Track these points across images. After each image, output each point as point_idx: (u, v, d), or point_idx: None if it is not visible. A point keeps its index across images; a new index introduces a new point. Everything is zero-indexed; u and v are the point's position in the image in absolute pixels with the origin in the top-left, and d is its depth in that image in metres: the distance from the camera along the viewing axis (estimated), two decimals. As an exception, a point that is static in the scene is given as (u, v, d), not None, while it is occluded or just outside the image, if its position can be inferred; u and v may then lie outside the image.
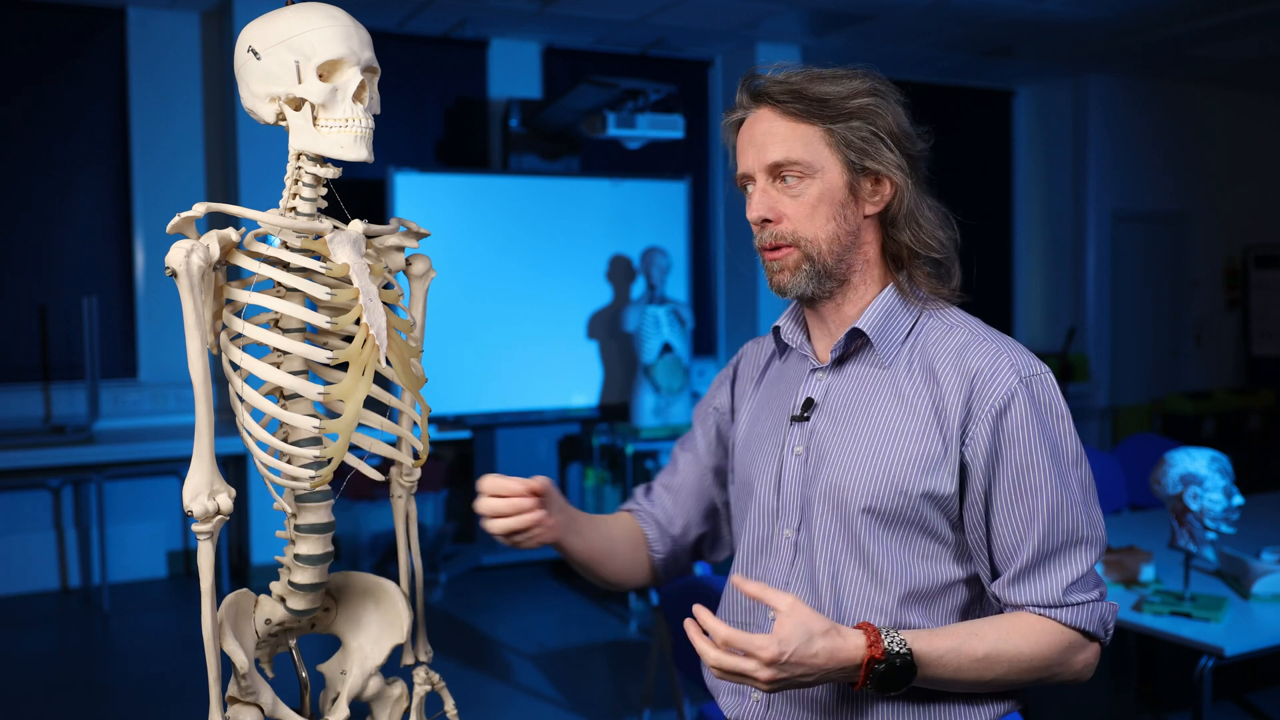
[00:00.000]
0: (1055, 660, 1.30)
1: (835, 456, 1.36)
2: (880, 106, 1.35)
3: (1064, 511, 1.30)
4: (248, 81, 1.30)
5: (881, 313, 1.38)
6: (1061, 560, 1.30)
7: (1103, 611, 1.32)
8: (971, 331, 1.37)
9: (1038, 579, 1.31)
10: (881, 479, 1.32)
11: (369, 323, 1.29)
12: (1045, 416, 1.30)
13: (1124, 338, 8.11)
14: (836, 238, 1.36)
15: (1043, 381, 1.32)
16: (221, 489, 1.25)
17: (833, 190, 1.35)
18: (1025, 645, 1.29)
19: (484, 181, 5.85)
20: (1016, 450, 1.29)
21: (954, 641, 1.28)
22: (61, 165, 5.61)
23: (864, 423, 1.36)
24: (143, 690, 4.25)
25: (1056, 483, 1.29)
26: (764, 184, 1.38)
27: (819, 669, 1.22)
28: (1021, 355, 1.34)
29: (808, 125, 1.35)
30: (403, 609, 1.46)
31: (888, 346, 1.37)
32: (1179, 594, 2.74)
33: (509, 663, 4.47)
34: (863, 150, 1.34)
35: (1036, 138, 8.23)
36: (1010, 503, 1.30)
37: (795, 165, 1.35)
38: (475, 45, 6.37)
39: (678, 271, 6.11)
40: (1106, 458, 4.29)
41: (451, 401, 5.61)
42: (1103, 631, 1.32)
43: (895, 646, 1.24)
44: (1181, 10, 6.05)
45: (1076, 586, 1.30)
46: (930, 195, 1.40)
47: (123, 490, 5.64)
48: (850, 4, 5.81)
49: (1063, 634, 1.30)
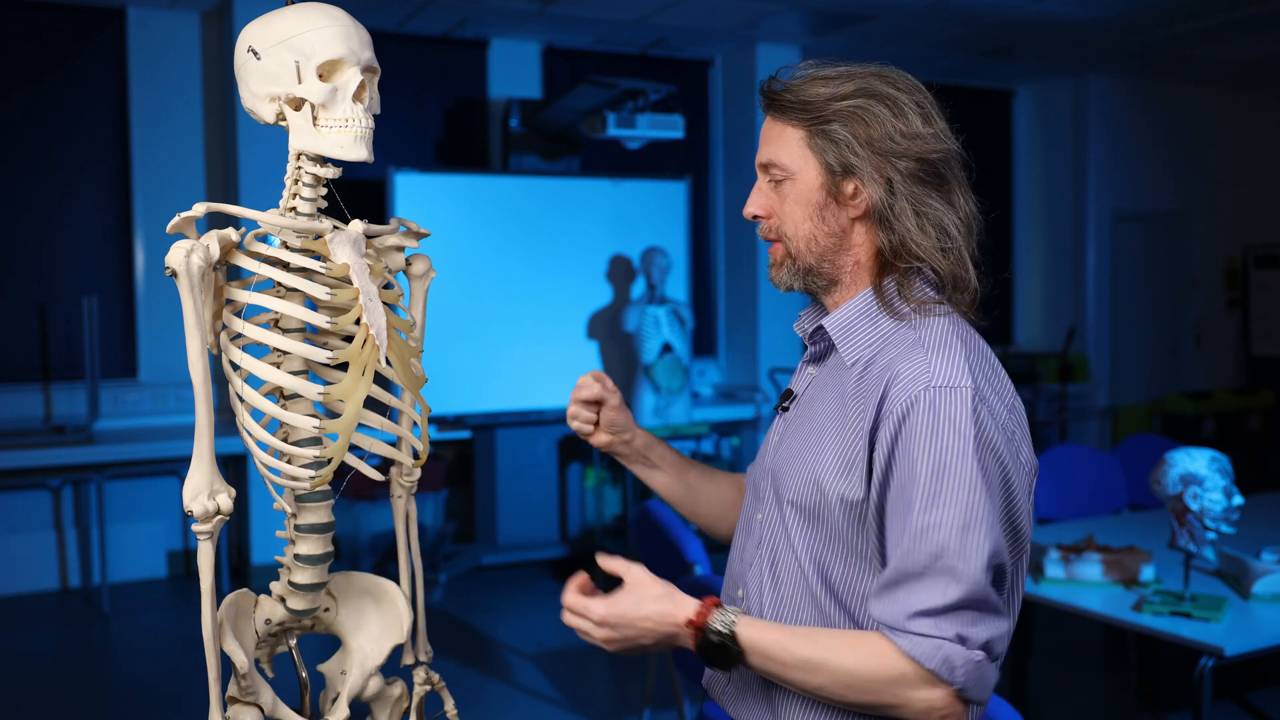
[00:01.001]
0: (882, 688, 1.21)
1: (785, 448, 1.40)
2: (867, 109, 1.33)
3: (929, 533, 1.20)
4: (248, 81, 1.30)
5: (851, 315, 1.38)
6: (916, 585, 1.21)
7: (952, 654, 1.18)
8: (921, 339, 1.31)
9: (890, 597, 1.23)
10: (806, 475, 1.34)
11: (369, 323, 1.29)
12: (943, 431, 1.22)
13: (1124, 338, 8.11)
14: (814, 238, 1.37)
15: (955, 395, 1.24)
16: (221, 489, 1.25)
17: (808, 192, 1.36)
18: (851, 661, 1.22)
19: (484, 181, 5.85)
20: (905, 460, 1.24)
21: (783, 636, 1.26)
22: (61, 165, 5.61)
23: (814, 419, 1.38)
24: (143, 690, 4.25)
25: (928, 501, 1.21)
26: (761, 180, 1.42)
27: (651, 631, 1.30)
28: (948, 367, 1.26)
29: (792, 127, 1.37)
30: (403, 609, 1.46)
31: (852, 348, 1.37)
32: (1179, 594, 2.74)
33: (509, 663, 4.47)
34: (841, 154, 1.34)
35: (1036, 138, 8.23)
36: (892, 513, 1.25)
37: (776, 167, 1.38)
38: (475, 45, 6.37)
39: (678, 271, 6.11)
40: (1106, 458, 4.29)
41: (451, 401, 5.61)
42: (949, 674, 1.19)
43: (718, 624, 1.26)
44: (1181, 10, 6.05)
45: (926, 617, 1.20)
46: (939, 199, 1.35)
47: (123, 490, 5.64)
48: (850, 4, 5.81)
49: (896, 661, 1.20)
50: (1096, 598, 2.85)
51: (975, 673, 1.20)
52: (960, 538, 1.20)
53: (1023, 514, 1.31)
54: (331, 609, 1.46)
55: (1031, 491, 1.33)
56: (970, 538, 1.20)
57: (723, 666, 1.27)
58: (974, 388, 1.25)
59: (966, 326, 1.36)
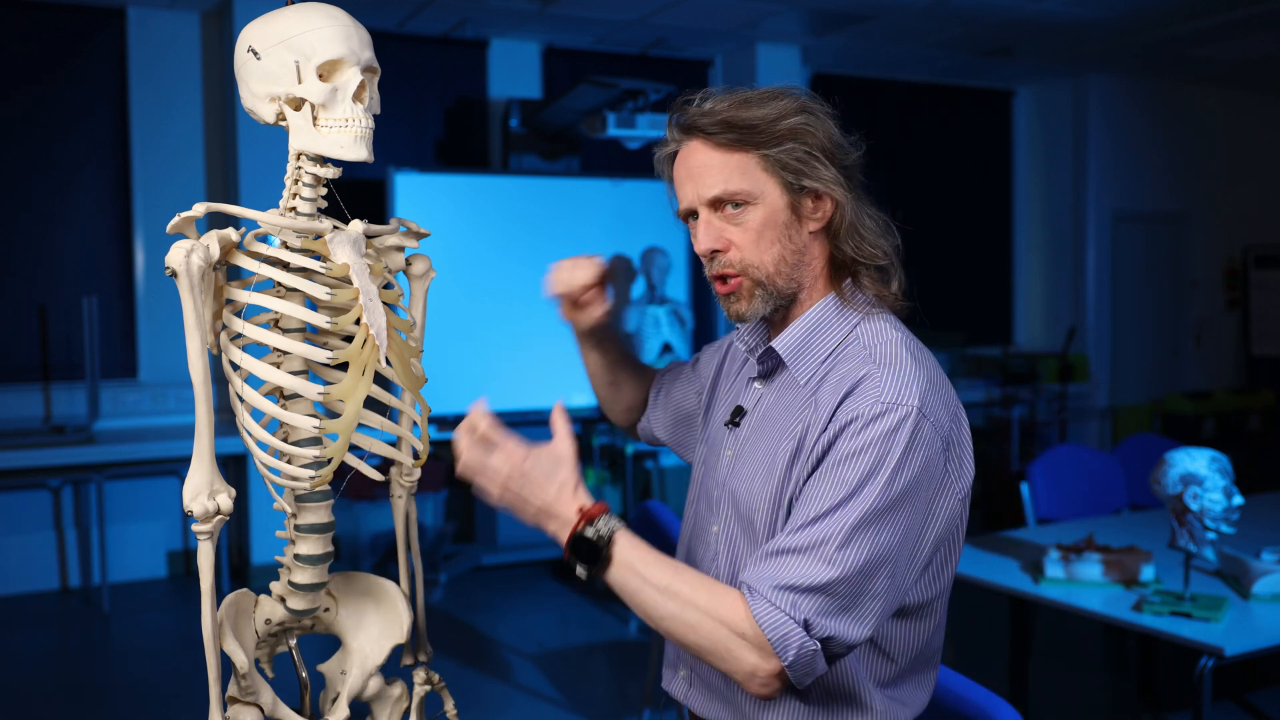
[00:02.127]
0: (721, 637, 1.24)
1: (744, 468, 1.40)
2: (811, 124, 1.35)
3: (825, 522, 1.24)
4: (248, 81, 1.30)
5: (804, 331, 1.40)
6: (792, 560, 1.24)
7: (790, 634, 1.22)
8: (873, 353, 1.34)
9: (765, 564, 1.26)
10: (766, 493, 1.35)
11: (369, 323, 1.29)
12: (877, 444, 1.25)
13: (1124, 338, 8.11)
14: (783, 259, 1.37)
15: (898, 413, 1.26)
16: (221, 489, 1.25)
17: (775, 214, 1.36)
18: (705, 600, 1.25)
19: (484, 181, 5.85)
20: (832, 460, 1.27)
21: (653, 558, 1.27)
22: (61, 165, 5.61)
23: (768, 437, 1.39)
24: (143, 690, 4.25)
25: (838, 498, 1.24)
26: (707, 216, 1.38)
27: (542, 505, 1.30)
28: (897, 384, 1.29)
29: (742, 153, 1.35)
30: (403, 609, 1.46)
31: (804, 366, 1.39)
32: (1179, 594, 2.74)
33: (509, 663, 4.47)
34: (799, 171, 1.34)
35: (1036, 138, 8.23)
36: (802, 500, 1.29)
37: (736, 194, 1.35)
38: (475, 45, 6.37)
39: (677, 271, 6.11)
40: (1106, 458, 4.29)
41: (451, 401, 5.58)
42: (782, 650, 1.22)
43: (603, 525, 1.27)
44: (1181, 10, 6.05)
45: (789, 590, 1.23)
46: (869, 203, 1.40)
47: (123, 490, 5.64)
48: (850, 4, 5.81)
49: (742, 619, 1.23)
50: (1096, 598, 2.85)
51: (806, 660, 1.23)
52: (850, 533, 1.23)
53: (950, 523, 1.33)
54: (331, 609, 1.46)
55: (966, 493, 1.35)
56: (861, 537, 1.24)
57: (585, 562, 1.27)
58: (919, 406, 1.28)
59: (911, 335, 1.39)
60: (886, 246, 1.39)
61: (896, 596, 1.29)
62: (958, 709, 1.70)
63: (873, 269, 1.39)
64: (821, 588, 1.23)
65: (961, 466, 1.33)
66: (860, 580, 1.24)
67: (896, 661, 1.39)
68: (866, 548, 1.24)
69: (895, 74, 7.53)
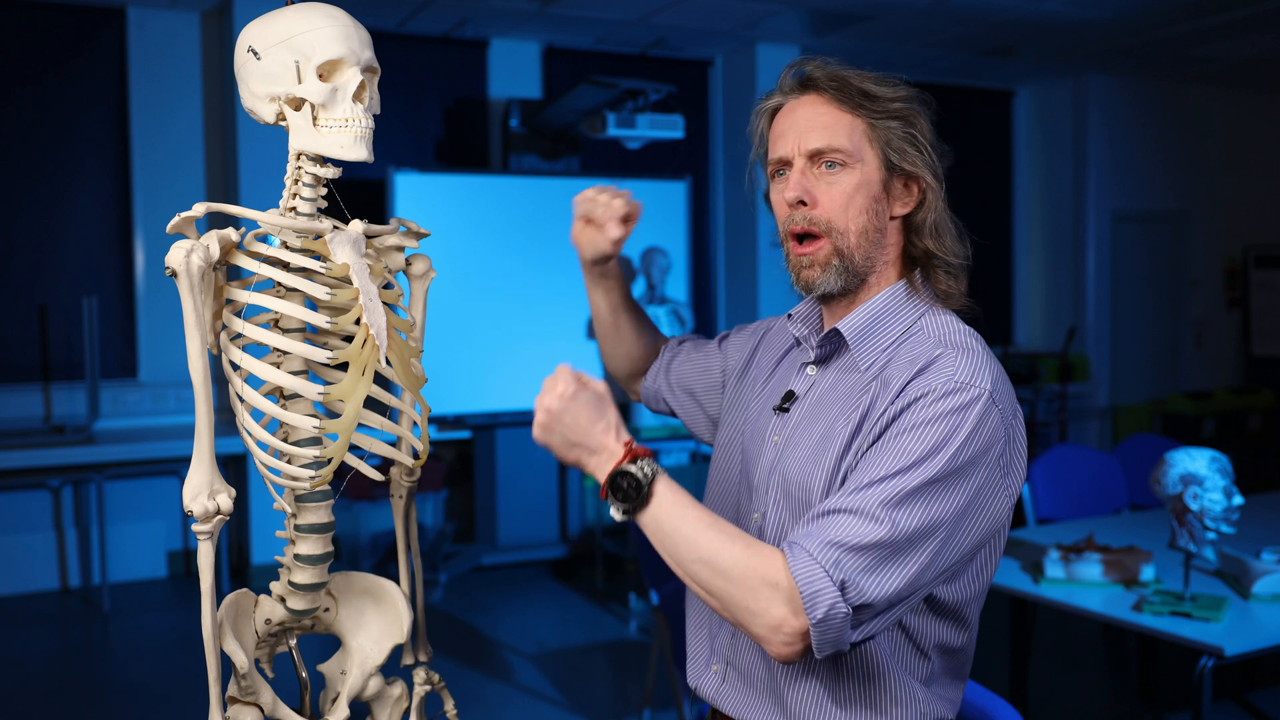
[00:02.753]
0: (754, 585, 1.22)
1: (796, 450, 1.39)
2: (919, 114, 1.38)
3: (882, 487, 1.23)
4: (248, 81, 1.30)
5: (870, 315, 1.40)
6: (841, 519, 1.23)
7: (823, 592, 1.20)
8: (944, 339, 1.35)
9: (816, 523, 1.25)
10: (822, 473, 1.34)
11: (369, 323, 1.29)
12: (946, 419, 1.25)
13: (1124, 338, 8.11)
14: (866, 232, 1.37)
15: (970, 393, 1.27)
16: (221, 489, 1.25)
17: (869, 183, 1.37)
18: (740, 550, 1.23)
19: (484, 181, 5.85)
20: (898, 430, 1.27)
21: (692, 504, 1.27)
22: (61, 165, 5.61)
23: (825, 421, 1.38)
24: (143, 690, 4.25)
25: (902, 467, 1.24)
26: (802, 166, 1.38)
27: (587, 434, 1.27)
28: (971, 366, 1.29)
29: (853, 116, 1.37)
30: (403, 609, 1.46)
31: (867, 351, 1.39)
32: (1179, 594, 2.74)
33: (509, 663, 4.47)
34: (900, 150, 1.36)
35: (1036, 138, 8.23)
36: (862, 465, 1.28)
37: (838, 152, 1.36)
38: (475, 45, 6.37)
39: (678, 271, 6.11)
40: (1106, 458, 4.29)
41: (451, 401, 5.61)
42: (811, 607, 1.19)
43: (646, 464, 1.26)
44: (1181, 10, 6.05)
45: (835, 548, 1.21)
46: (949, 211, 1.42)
47: (123, 490, 5.64)
48: (850, 4, 5.81)
49: (779, 571, 1.21)
50: (1096, 598, 2.85)
51: (836, 622, 1.20)
52: (906, 497, 1.23)
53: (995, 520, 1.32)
54: (331, 609, 1.46)
55: (1014, 499, 1.34)
56: (915, 503, 1.23)
57: (622, 500, 1.25)
58: (990, 390, 1.28)
59: (977, 333, 1.40)
60: (960, 251, 1.41)
61: (934, 577, 1.27)
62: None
63: (945, 266, 1.40)
64: (868, 547, 1.21)
65: (1014, 465, 1.32)
66: (906, 544, 1.22)
67: (931, 659, 1.38)
68: (919, 514, 1.23)
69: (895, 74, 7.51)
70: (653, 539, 1.27)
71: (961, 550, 1.29)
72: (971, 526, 1.28)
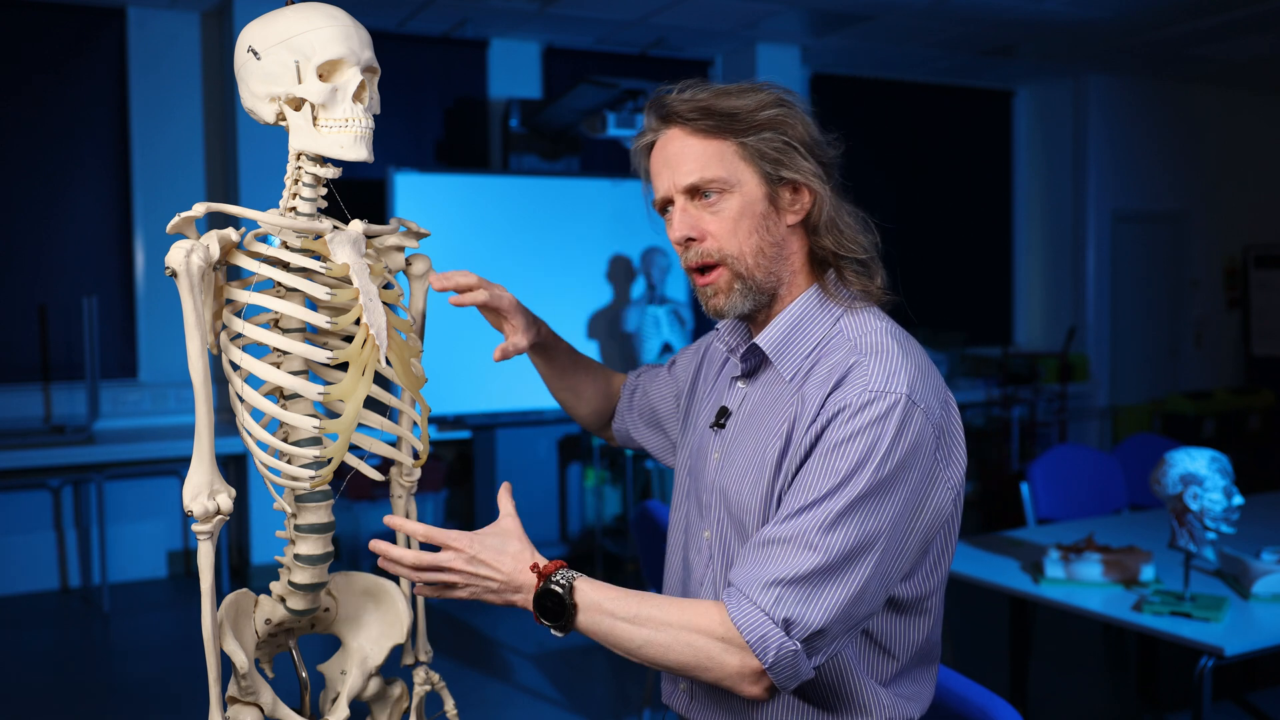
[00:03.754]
0: (704, 644, 1.22)
1: (733, 468, 1.39)
2: (789, 116, 1.35)
3: (813, 511, 1.23)
4: (248, 81, 1.30)
5: (786, 325, 1.39)
6: (779, 551, 1.23)
7: (769, 635, 1.20)
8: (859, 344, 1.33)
9: (752, 559, 1.25)
10: (758, 491, 1.34)
11: (369, 323, 1.29)
12: (866, 432, 1.24)
13: (1124, 338, 8.11)
14: (761, 250, 1.36)
15: (886, 401, 1.25)
16: (221, 489, 1.25)
17: (753, 203, 1.35)
18: (678, 616, 1.24)
19: (484, 181, 5.85)
20: (821, 451, 1.26)
21: (618, 593, 1.26)
22: (61, 165, 5.61)
23: (756, 435, 1.37)
24: (143, 690, 4.25)
25: (831, 488, 1.23)
26: (683, 204, 1.37)
27: (503, 581, 1.27)
28: (884, 373, 1.28)
29: (720, 141, 1.35)
30: (403, 609, 1.46)
31: (788, 361, 1.38)
32: (1179, 594, 2.74)
33: (509, 663, 4.47)
34: (777, 160, 1.34)
35: (1036, 138, 8.23)
36: (791, 491, 1.28)
37: (713, 182, 1.34)
38: (475, 45, 6.37)
39: (678, 271, 6.11)
40: (1106, 458, 4.29)
41: (451, 401, 5.61)
42: (761, 652, 1.21)
43: (561, 577, 1.26)
44: (1181, 10, 6.05)
45: (775, 585, 1.22)
46: (846, 200, 1.40)
47: (123, 490, 5.64)
48: (850, 4, 5.81)
49: (717, 622, 1.23)
50: (1096, 598, 2.85)
51: (787, 661, 1.21)
52: (837, 518, 1.23)
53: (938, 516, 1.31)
54: (331, 609, 1.46)
55: (958, 487, 1.33)
56: (847, 522, 1.23)
57: (553, 618, 1.26)
58: (907, 394, 1.27)
59: (896, 325, 1.39)
60: (866, 242, 1.39)
61: (880, 585, 1.27)
62: (958, 709, 1.70)
63: (855, 264, 1.39)
64: (805, 577, 1.21)
65: (951, 456, 1.31)
66: (843, 563, 1.22)
67: (898, 659, 1.38)
68: (853, 533, 1.23)
69: (895, 74, 7.52)
70: (597, 638, 1.28)
71: (909, 552, 1.29)
72: (913, 528, 1.29)
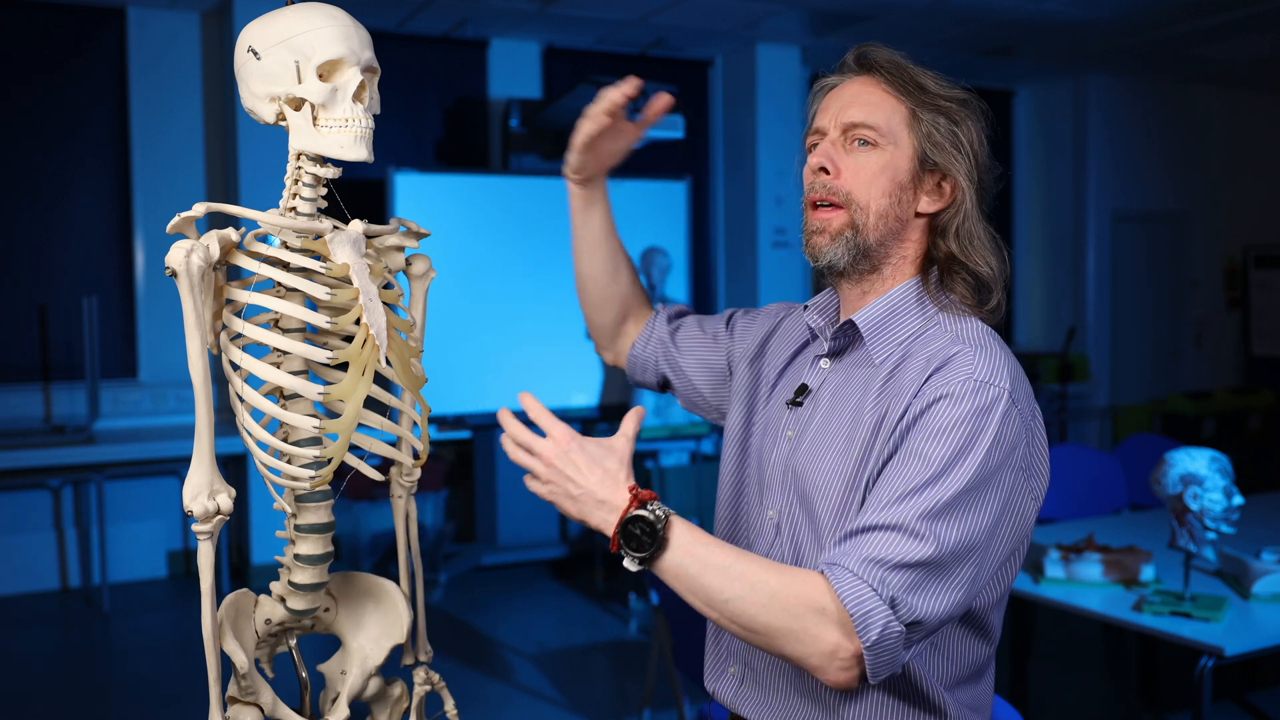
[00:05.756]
0: (800, 612, 1.16)
1: (811, 448, 1.37)
2: (969, 119, 1.36)
3: (920, 499, 1.20)
4: (248, 81, 1.30)
5: (885, 309, 1.37)
6: (885, 536, 1.19)
7: (874, 612, 1.15)
8: (961, 336, 1.32)
9: (853, 541, 1.21)
10: (842, 474, 1.32)
11: (369, 323, 1.29)
12: (971, 420, 1.22)
13: (1124, 338, 8.11)
14: (885, 216, 1.35)
15: (991, 392, 1.24)
16: (221, 489, 1.25)
17: (897, 168, 1.35)
18: (777, 580, 1.18)
19: (484, 181, 5.85)
20: (922, 433, 1.24)
21: (712, 539, 1.22)
22: (61, 165, 5.61)
23: (841, 416, 1.36)
24: (143, 690, 4.25)
25: (933, 475, 1.21)
26: (834, 138, 1.37)
27: (587, 491, 1.23)
28: (989, 365, 1.27)
29: (898, 100, 1.36)
30: (403, 609, 1.46)
31: (882, 345, 1.36)
32: (1179, 594, 2.74)
33: (509, 663, 4.47)
34: (939, 144, 1.34)
35: (1036, 138, 8.23)
36: (889, 474, 1.25)
37: (872, 130, 1.35)
38: (475, 45, 6.37)
39: (678, 271, 6.11)
40: (1106, 458, 4.29)
41: (451, 401, 5.61)
42: (864, 629, 1.15)
43: (657, 509, 1.20)
44: (1181, 10, 6.05)
45: (879, 565, 1.17)
46: (987, 220, 1.39)
47: (123, 490, 5.64)
48: (850, 4, 5.81)
49: (823, 594, 1.17)
50: (1096, 598, 2.85)
51: (890, 642, 1.17)
52: (945, 510, 1.20)
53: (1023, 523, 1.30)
54: (331, 609, 1.46)
55: (1039, 502, 1.31)
56: (952, 515, 1.20)
57: (635, 550, 1.19)
58: (1010, 390, 1.26)
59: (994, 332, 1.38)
60: (993, 262, 1.37)
61: (975, 590, 1.24)
62: (958, 709, 1.69)
63: (969, 277, 1.37)
64: (913, 564, 1.18)
65: (1035, 468, 1.30)
66: (951, 561, 1.19)
67: (961, 669, 1.36)
68: (957, 527, 1.20)
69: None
70: (675, 584, 1.22)
71: (998, 560, 1.27)
72: (1004, 534, 1.27)
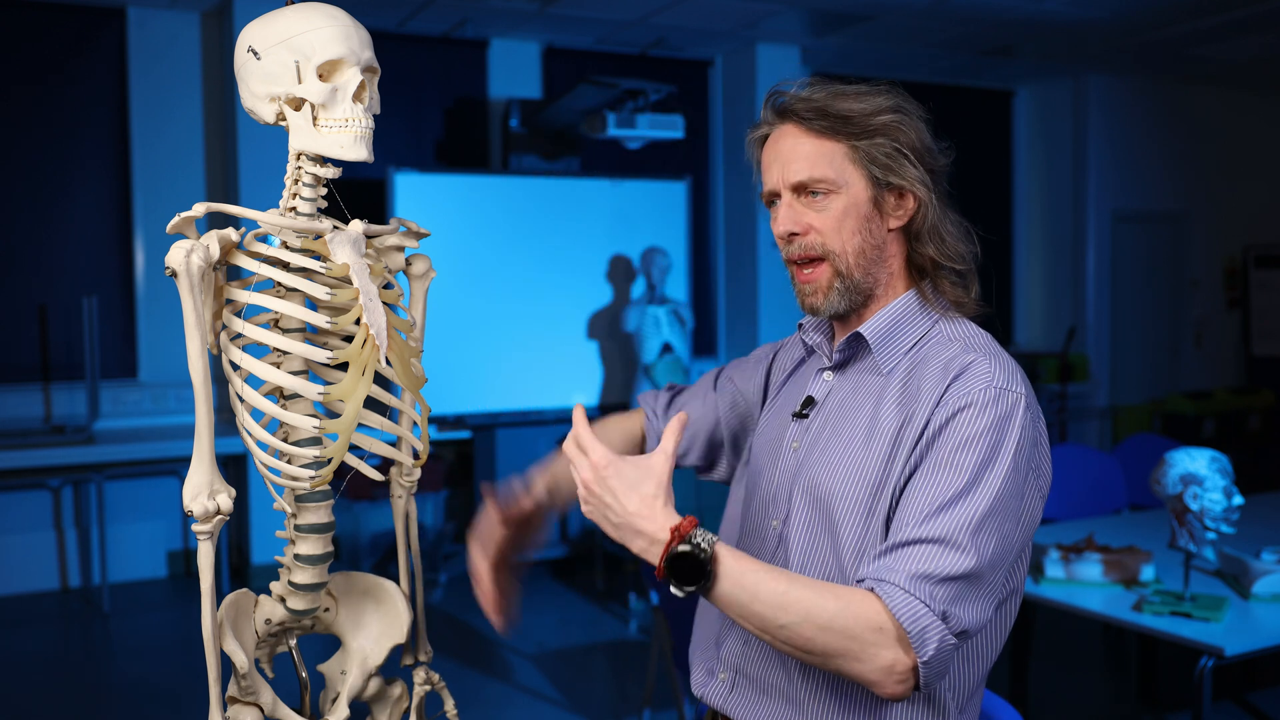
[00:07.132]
0: (858, 633, 1.18)
1: (824, 457, 1.39)
2: (903, 123, 1.37)
3: (957, 510, 1.23)
4: (248, 81, 1.30)
5: (889, 320, 1.41)
6: (927, 550, 1.22)
7: (930, 627, 1.18)
8: (970, 344, 1.36)
9: (894, 555, 1.23)
10: (862, 482, 1.34)
11: (369, 323, 1.29)
12: (998, 427, 1.26)
13: (1124, 338, 8.11)
14: (863, 251, 1.38)
15: (1011, 399, 1.28)
16: (221, 489, 1.25)
17: (857, 204, 1.37)
18: (832, 603, 1.19)
19: (484, 181, 5.85)
20: (950, 444, 1.27)
21: (761, 567, 1.21)
22: (61, 165, 5.61)
23: (852, 426, 1.38)
24: (143, 690, 4.25)
25: (966, 484, 1.24)
26: (790, 199, 1.40)
27: (628, 514, 1.21)
28: (1004, 372, 1.31)
29: (832, 142, 1.37)
30: (403, 609, 1.46)
31: (888, 354, 1.40)
32: (1179, 594, 2.74)
33: (509, 663, 4.47)
34: (886, 166, 1.36)
35: (1036, 138, 8.23)
36: (919, 485, 1.27)
37: (821, 182, 1.37)
38: (475, 45, 6.37)
39: (678, 271, 6.11)
40: (1106, 458, 4.29)
41: (451, 401, 5.61)
42: (920, 644, 1.18)
43: (701, 538, 1.19)
44: (1181, 10, 6.05)
45: (926, 580, 1.20)
46: (952, 209, 1.42)
47: (123, 490, 5.64)
48: (850, 4, 5.80)
49: (879, 614, 1.19)
50: (1096, 598, 2.85)
51: (945, 655, 1.21)
52: (983, 521, 1.23)
53: (1032, 522, 1.34)
54: (331, 609, 1.46)
55: (1045, 498, 1.35)
56: (992, 524, 1.24)
57: (683, 582, 1.19)
58: (1025, 395, 1.30)
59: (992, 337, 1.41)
60: (966, 253, 1.41)
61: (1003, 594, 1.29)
62: (958, 709, 1.70)
63: (951, 274, 1.41)
64: (961, 577, 1.21)
65: (1042, 466, 1.34)
66: (988, 570, 1.24)
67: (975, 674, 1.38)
68: (995, 537, 1.24)
69: (895, 74, 7.52)
70: (727, 611, 1.22)
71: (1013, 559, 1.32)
72: (1022, 534, 1.31)
